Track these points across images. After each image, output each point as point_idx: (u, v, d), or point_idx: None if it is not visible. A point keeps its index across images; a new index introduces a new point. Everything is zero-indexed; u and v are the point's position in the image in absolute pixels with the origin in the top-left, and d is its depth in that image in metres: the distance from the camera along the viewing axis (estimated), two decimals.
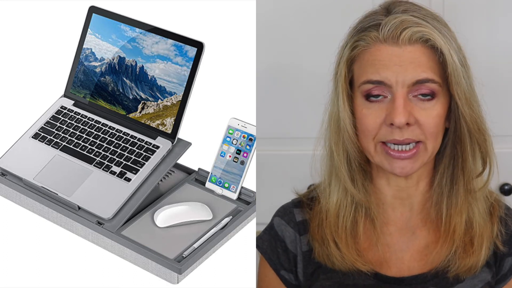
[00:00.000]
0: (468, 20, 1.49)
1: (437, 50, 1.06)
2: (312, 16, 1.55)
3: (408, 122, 1.04)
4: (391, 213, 1.14)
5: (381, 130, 1.07)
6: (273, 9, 1.55)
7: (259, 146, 1.51)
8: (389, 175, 1.13)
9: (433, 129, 1.06)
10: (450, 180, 1.12)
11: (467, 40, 1.30)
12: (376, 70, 1.06)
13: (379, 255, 1.14)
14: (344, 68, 1.10)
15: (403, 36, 1.05)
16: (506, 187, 1.53)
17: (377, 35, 1.07)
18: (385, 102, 1.06)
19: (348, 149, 1.11)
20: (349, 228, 1.14)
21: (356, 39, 1.09)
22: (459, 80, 1.06)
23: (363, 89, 1.07)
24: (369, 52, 1.07)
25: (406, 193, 1.13)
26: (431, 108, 1.06)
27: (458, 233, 1.11)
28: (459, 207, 1.11)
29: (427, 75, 1.05)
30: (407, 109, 1.04)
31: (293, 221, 1.18)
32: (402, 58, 1.05)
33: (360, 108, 1.08)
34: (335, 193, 1.15)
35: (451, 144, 1.10)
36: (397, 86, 1.04)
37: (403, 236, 1.14)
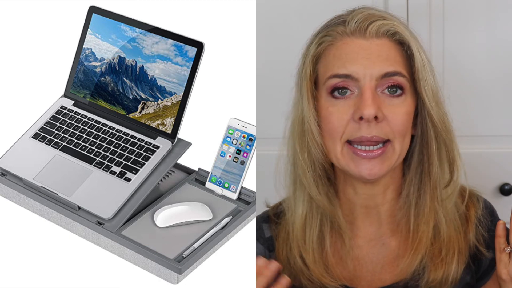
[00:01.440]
0: (468, 20, 1.49)
1: (404, 45, 1.04)
2: (312, 16, 1.54)
3: (376, 116, 1.01)
4: (360, 224, 1.11)
5: (348, 127, 1.03)
6: (273, 9, 1.55)
7: (259, 146, 1.51)
8: (355, 183, 1.08)
9: (401, 126, 1.03)
10: (418, 188, 1.08)
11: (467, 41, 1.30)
12: (343, 64, 1.03)
13: (349, 269, 1.10)
14: (309, 66, 1.07)
15: (370, 28, 1.03)
16: (506, 187, 1.53)
17: (343, 29, 1.05)
18: (351, 98, 1.03)
19: (312, 152, 1.07)
20: (316, 241, 1.09)
21: (322, 35, 1.07)
22: (426, 76, 1.04)
23: (328, 84, 1.04)
24: (335, 47, 1.05)
25: (373, 202, 1.09)
26: (400, 104, 1.03)
27: (425, 243, 1.08)
28: (425, 216, 1.07)
29: (395, 68, 1.02)
30: (376, 103, 1.01)
31: (262, 237, 1.15)
32: (369, 51, 1.03)
33: (325, 107, 1.05)
34: (300, 204, 1.11)
35: (418, 150, 1.07)
36: (365, 79, 1.02)
37: (372, 247, 1.11)
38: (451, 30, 1.49)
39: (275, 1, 1.55)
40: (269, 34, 1.55)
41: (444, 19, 1.49)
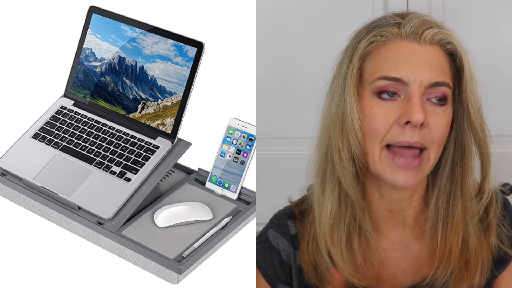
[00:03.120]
0: (468, 21, 1.49)
1: (454, 56, 1.04)
2: (312, 16, 1.55)
3: (423, 122, 1.00)
4: (383, 227, 1.10)
5: (392, 130, 1.02)
6: (273, 10, 1.55)
7: (259, 146, 1.51)
8: (382, 186, 1.08)
9: (442, 135, 1.03)
10: (448, 199, 1.07)
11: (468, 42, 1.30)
12: (394, 67, 1.02)
13: (374, 271, 1.10)
14: (357, 63, 1.05)
15: (425, 35, 1.03)
16: (506, 187, 1.53)
17: (398, 32, 1.04)
18: (398, 101, 1.02)
19: (353, 149, 1.05)
20: (344, 240, 1.09)
21: (374, 34, 1.05)
22: (474, 89, 1.04)
23: (376, 85, 1.03)
24: (387, 48, 1.04)
25: (398, 207, 1.09)
26: (442, 113, 1.03)
27: (455, 254, 1.07)
28: (455, 227, 1.07)
29: (444, 79, 1.02)
30: (424, 109, 1.01)
31: (288, 233, 1.14)
32: (422, 57, 1.02)
33: (369, 107, 1.03)
34: (330, 202, 1.10)
35: (451, 160, 1.07)
36: (414, 84, 1.01)
37: (395, 251, 1.10)
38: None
39: (275, 1, 1.55)
40: (269, 34, 1.55)
41: (444, 19, 1.49)
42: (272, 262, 1.14)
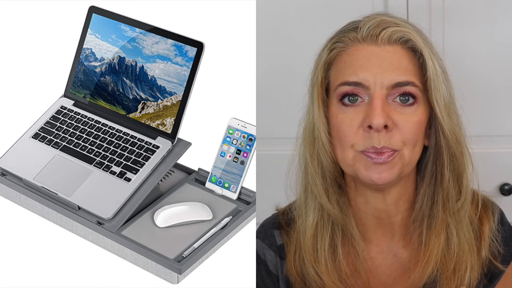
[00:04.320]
0: (468, 21, 1.49)
1: (417, 52, 1.02)
2: (312, 16, 1.54)
3: (386, 125, 0.99)
4: (372, 235, 1.09)
5: (358, 135, 1.01)
6: (273, 9, 1.55)
7: (259, 146, 1.51)
8: (367, 192, 1.06)
9: (412, 135, 1.00)
10: (431, 200, 1.06)
11: (468, 42, 1.30)
12: (353, 71, 1.01)
13: (363, 281, 1.08)
14: (321, 72, 1.05)
15: (382, 35, 1.01)
16: (506, 187, 1.53)
17: (355, 35, 1.03)
18: (361, 105, 1.01)
19: (322, 160, 1.05)
20: (328, 250, 1.07)
21: (334, 41, 1.05)
22: (439, 85, 1.01)
23: (339, 91, 1.02)
24: (346, 53, 1.03)
25: (385, 213, 1.07)
26: (412, 113, 1.01)
27: (435, 255, 1.05)
28: (437, 227, 1.05)
29: (407, 78, 1.00)
30: (386, 111, 0.99)
31: (274, 244, 1.13)
32: (381, 59, 1.00)
33: (335, 114, 1.03)
34: (311, 212, 1.09)
35: (432, 161, 1.05)
36: (375, 87, 0.99)
37: (384, 259, 1.09)
38: (451, 31, 1.49)
39: (275, 1, 1.55)
40: (269, 34, 1.55)
41: (444, 19, 1.49)
42: (260, 273, 1.14)
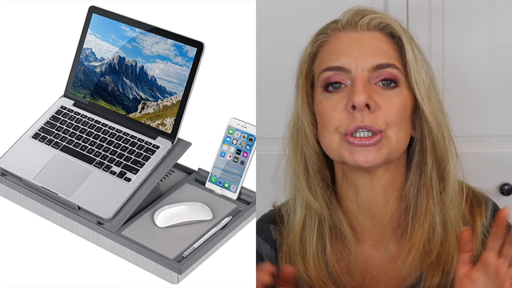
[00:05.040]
0: (468, 21, 1.49)
1: (395, 37, 1.04)
2: (312, 16, 1.54)
3: (368, 104, 1.00)
4: (364, 229, 1.08)
5: (342, 117, 1.02)
6: (273, 9, 1.55)
7: (259, 146, 1.51)
8: (356, 181, 1.06)
9: (396, 115, 1.01)
10: (417, 189, 1.06)
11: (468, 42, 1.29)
12: (335, 57, 1.04)
13: (357, 278, 1.08)
14: (305, 65, 1.08)
15: (361, 22, 1.05)
16: (506, 187, 1.53)
17: (336, 26, 1.07)
18: (345, 90, 1.02)
19: (305, 151, 1.06)
20: (315, 248, 1.07)
21: (316, 34, 1.09)
22: (418, 69, 1.03)
23: (322, 78, 1.04)
24: (328, 43, 1.06)
25: (375, 204, 1.07)
26: (394, 96, 1.02)
27: (418, 245, 1.04)
28: (421, 216, 1.05)
29: (387, 60, 1.02)
30: (368, 91, 1.00)
31: (270, 238, 1.14)
32: (361, 43, 1.03)
33: (319, 102, 1.05)
34: (299, 209, 1.09)
35: (418, 149, 1.05)
36: (356, 70, 1.01)
37: (376, 251, 1.09)
38: (451, 31, 1.49)
39: (275, 1, 1.55)
40: (269, 34, 1.55)
41: (444, 20, 1.49)
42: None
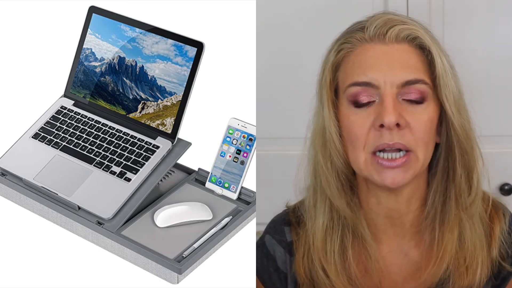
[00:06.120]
0: (468, 21, 1.49)
1: (425, 50, 1.02)
2: (312, 16, 1.54)
3: (398, 123, 0.99)
4: (383, 235, 1.09)
5: (370, 135, 1.01)
6: (273, 9, 1.55)
7: (259, 146, 1.51)
8: (378, 192, 1.06)
9: (424, 134, 1.00)
10: (443, 196, 1.05)
11: (468, 42, 1.29)
12: (362, 72, 1.01)
13: (375, 282, 1.08)
14: (329, 74, 1.05)
15: (389, 33, 1.01)
16: (506, 187, 1.53)
17: (362, 35, 1.03)
18: (373, 106, 1.00)
19: (335, 161, 1.05)
20: (337, 252, 1.07)
21: (341, 42, 1.05)
22: (448, 82, 1.01)
23: (349, 93, 1.02)
24: (354, 54, 1.03)
25: (397, 212, 1.07)
26: (422, 111, 1.01)
27: (450, 251, 1.05)
28: (450, 223, 1.05)
29: (417, 76, 1.00)
30: (397, 110, 0.99)
31: (284, 240, 1.13)
32: (389, 57, 1.00)
33: (346, 116, 1.03)
34: (321, 215, 1.08)
35: (444, 157, 1.05)
36: (385, 86, 0.99)
37: (395, 258, 1.09)
38: (451, 31, 1.49)
39: (275, 1, 1.55)
40: (269, 34, 1.55)
41: (444, 20, 1.49)
42: (268, 268, 1.14)
